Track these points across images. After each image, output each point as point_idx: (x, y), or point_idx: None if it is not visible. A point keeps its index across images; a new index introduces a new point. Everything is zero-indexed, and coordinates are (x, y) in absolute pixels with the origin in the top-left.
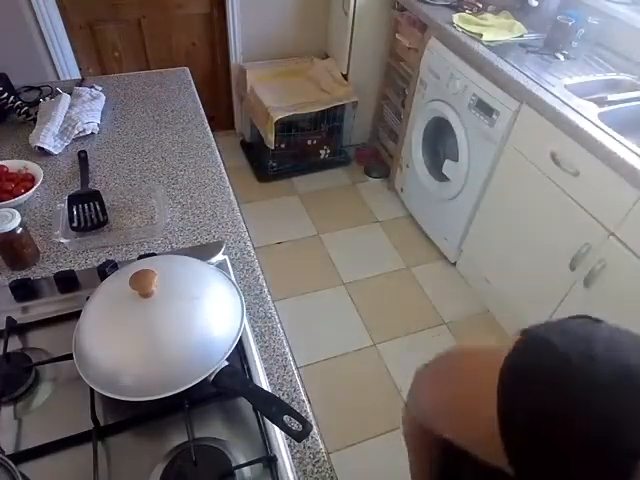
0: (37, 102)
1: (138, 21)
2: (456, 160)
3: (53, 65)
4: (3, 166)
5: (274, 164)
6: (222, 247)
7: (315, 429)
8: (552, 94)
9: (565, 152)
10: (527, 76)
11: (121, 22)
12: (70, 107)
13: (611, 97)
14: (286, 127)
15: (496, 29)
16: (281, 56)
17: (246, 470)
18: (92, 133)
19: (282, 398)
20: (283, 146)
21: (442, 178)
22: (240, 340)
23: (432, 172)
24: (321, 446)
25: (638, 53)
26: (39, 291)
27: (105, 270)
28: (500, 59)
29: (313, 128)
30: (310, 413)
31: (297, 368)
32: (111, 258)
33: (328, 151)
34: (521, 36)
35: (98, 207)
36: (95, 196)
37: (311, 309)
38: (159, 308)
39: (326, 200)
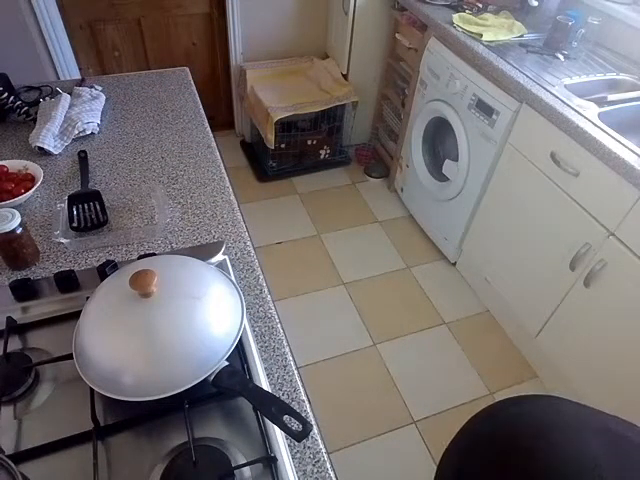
0: (37, 102)
1: (138, 21)
2: (456, 160)
3: (53, 65)
4: (3, 166)
5: (274, 164)
6: (222, 247)
7: (315, 429)
8: (552, 94)
9: (565, 152)
10: (527, 76)
11: (121, 22)
12: (70, 107)
13: (611, 97)
14: (286, 127)
15: (496, 29)
16: (281, 56)
17: (246, 470)
18: (92, 133)
19: (282, 398)
20: (283, 146)
21: (442, 178)
22: (240, 340)
23: (432, 172)
24: (321, 446)
25: (638, 53)
26: (39, 291)
27: (105, 270)
28: (500, 59)
29: (313, 128)
30: (310, 413)
31: (297, 368)
32: (111, 258)
33: (328, 151)
34: (521, 36)
35: (98, 207)
36: (95, 196)
37: (311, 309)
38: (159, 308)
39: (326, 200)
